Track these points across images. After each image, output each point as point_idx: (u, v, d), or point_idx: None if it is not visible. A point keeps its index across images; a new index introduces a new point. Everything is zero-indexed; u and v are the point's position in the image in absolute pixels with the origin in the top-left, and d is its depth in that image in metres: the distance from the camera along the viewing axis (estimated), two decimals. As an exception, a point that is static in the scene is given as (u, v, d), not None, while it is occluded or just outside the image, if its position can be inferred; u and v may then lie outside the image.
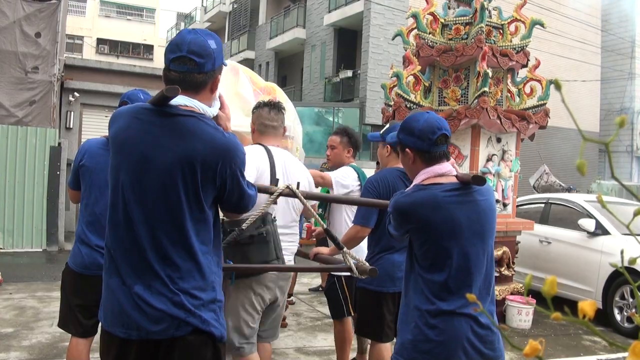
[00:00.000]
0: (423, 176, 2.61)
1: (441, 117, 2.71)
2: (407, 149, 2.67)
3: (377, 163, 6.13)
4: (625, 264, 0.90)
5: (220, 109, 2.44)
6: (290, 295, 7.90)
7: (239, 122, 5.29)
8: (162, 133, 2.19)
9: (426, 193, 2.55)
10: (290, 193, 3.30)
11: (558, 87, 0.75)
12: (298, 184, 3.43)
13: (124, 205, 2.19)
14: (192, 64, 2.20)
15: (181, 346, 2.17)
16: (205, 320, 2.18)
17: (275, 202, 3.35)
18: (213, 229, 2.30)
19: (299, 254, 5.38)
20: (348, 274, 3.89)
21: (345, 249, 3.39)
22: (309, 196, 3.51)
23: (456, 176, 2.61)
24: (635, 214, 0.78)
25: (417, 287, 2.54)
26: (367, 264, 3.41)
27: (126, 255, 2.18)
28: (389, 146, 4.20)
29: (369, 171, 5.55)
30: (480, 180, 2.56)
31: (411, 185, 2.68)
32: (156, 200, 2.17)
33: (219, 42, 2.30)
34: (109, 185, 2.28)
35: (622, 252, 0.82)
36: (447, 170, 2.61)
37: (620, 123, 0.73)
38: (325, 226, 3.71)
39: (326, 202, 4.91)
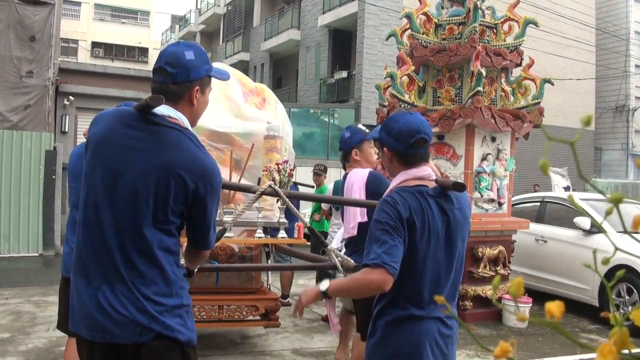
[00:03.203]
0: (402, 177, 2.56)
1: (424, 119, 2.63)
2: (385, 148, 2.63)
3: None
4: (605, 264, 0.89)
5: None
6: (286, 296, 7.92)
7: (229, 124, 5.32)
8: (144, 140, 2.19)
9: (412, 194, 2.50)
10: (272, 192, 3.32)
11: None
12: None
13: (95, 205, 2.19)
14: (166, 75, 2.23)
15: (146, 352, 2.15)
16: (168, 326, 2.16)
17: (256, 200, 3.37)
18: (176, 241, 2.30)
19: (290, 253, 5.42)
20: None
21: (329, 246, 3.40)
22: (291, 195, 3.53)
23: (435, 181, 2.56)
24: (607, 214, 0.79)
25: (390, 291, 2.45)
26: (351, 261, 3.42)
27: (95, 256, 2.18)
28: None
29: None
30: (460, 186, 2.51)
31: (390, 187, 2.61)
32: (124, 204, 2.16)
33: (199, 53, 2.29)
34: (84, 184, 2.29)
35: (594, 252, 0.82)
36: (427, 175, 2.55)
37: (586, 122, 0.73)
38: (309, 225, 3.72)
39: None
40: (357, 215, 3.90)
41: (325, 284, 2.49)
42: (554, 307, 0.71)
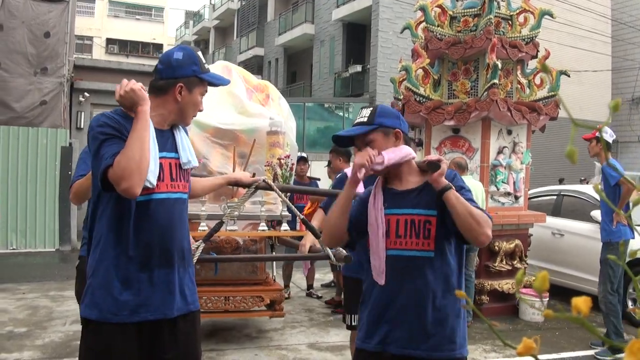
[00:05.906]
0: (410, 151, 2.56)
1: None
2: (398, 131, 2.55)
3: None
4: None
5: None
6: (310, 286, 8.29)
7: (232, 120, 5.40)
8: None
9: None
10: (266, 186, 3.34)
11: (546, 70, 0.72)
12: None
13: None
14: (155, 70, 2.51)
15: None
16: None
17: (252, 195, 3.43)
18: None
19: (288, 244, 5.48)
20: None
21: (322, 237, 3.42)
22: (284, 188, 3.56)
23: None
24: (635, 204, 0.76)
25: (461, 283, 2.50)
26: (343, 251, 3.44)
27: None
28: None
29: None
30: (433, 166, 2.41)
31: (407, 158, 2.52)
32: None
33: (189, 55, 2.48)
34: None
35: (626, 245, 0.79)
36: None
37: (614, 107, 0.70)
38: (302, 217, 3.75)
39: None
40: None
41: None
42: (581, 303, 0.68)
